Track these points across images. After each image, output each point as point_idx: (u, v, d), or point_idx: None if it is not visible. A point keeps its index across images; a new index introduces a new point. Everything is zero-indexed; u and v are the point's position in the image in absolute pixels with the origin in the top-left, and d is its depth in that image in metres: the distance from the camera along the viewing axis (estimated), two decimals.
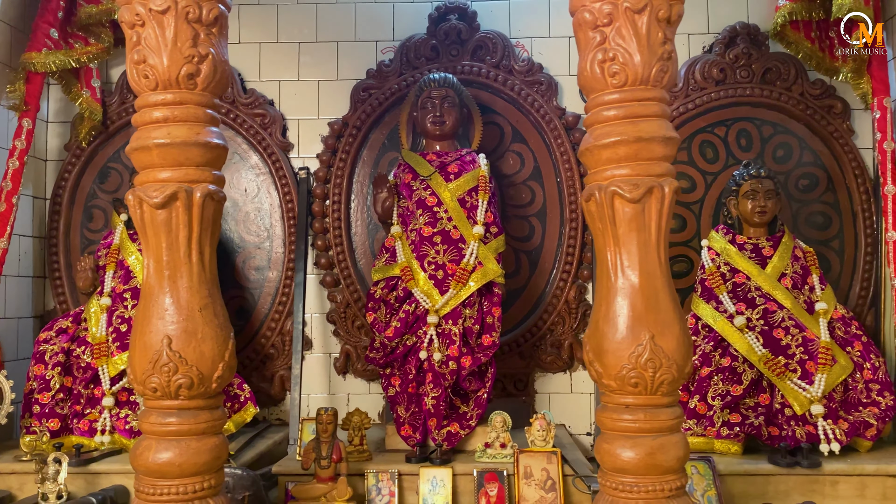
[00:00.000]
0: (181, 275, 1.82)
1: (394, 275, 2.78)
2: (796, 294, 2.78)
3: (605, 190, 1.82)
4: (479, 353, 2.71)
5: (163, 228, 1.81)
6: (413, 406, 2.68)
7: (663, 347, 1.77)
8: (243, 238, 3.36)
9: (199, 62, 1.83)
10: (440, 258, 2.74)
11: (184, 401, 1.80)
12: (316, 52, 3.44)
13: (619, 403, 1.82)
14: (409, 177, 2.88)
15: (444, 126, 2.90)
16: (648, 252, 1.82)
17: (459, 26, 3.32)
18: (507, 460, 2.51)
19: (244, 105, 3.36)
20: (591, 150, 1.86)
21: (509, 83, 3.30)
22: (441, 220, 2.78)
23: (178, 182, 1.81)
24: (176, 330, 1.79)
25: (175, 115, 1.82)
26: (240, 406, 2.86)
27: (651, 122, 1.84)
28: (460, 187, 2.83)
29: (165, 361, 1.77)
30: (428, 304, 2.69)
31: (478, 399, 2.73)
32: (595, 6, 1.84)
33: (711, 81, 3.28)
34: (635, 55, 1.80)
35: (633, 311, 1.79)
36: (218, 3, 1.87)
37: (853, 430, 2.57)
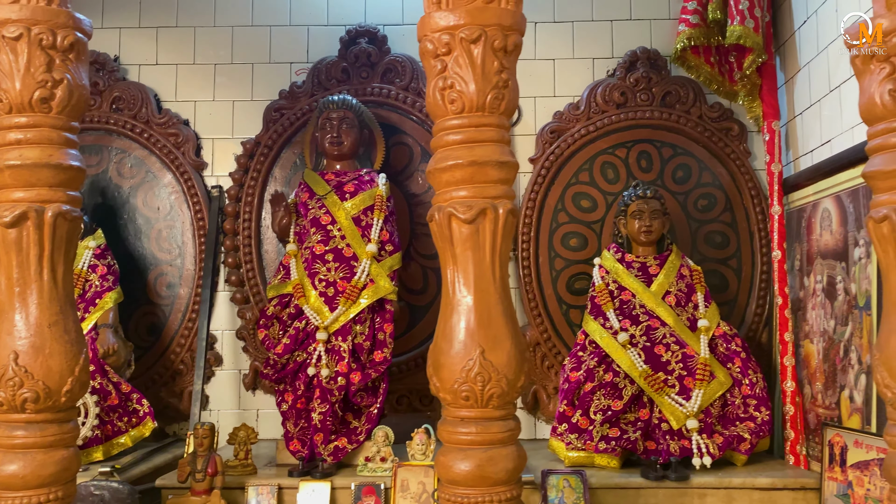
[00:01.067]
0: (31, 292, 1.88)
1: (286, 292, 2.85)
2: (679, 311, 2.86)
3: (443, 211, 1.89)
4: (370, 369, 2.77)
5: (13, 247, 1.87)
6: (302, 421, 2.74)
7: (493, 362, 1.84)
8: (156, 255, 3.42)
9: (52, 87, 1.90)
10: (331, 275, 2.80)
11: (30, 414, 1.85)
12: (231, 73, 3.52)
13: (455, 417, 1.89)
14: (305, 195, 2.96)
15: (341, 146, 2.98)
16: (483, 271, 1.89)
17: (369, 49, 3.41)
18: (387, 474, 2.57)
19: (158, 125, 3.43)
20: (433, 172, 1.94)
21: (418, 105, 3.39)
22: (334, 238, 2.85)
23: (30, 202, 1.88)
24: (24, 345, 1.85)
25: (28, 138, 1.89)
26: (138, 421, 2.91)
27: (487, 147, 1.91)
28: (356, 206, 2.90)
29: (11, 376, 1.82)
30: (317, 320, 2.76)
31: (368, 414, 2.79)
32: (435, 36, 1.92)
33: (612, 104, 3.38)
34: (471, 83, 1.89)
35: (467, 327, 1.86)
36: (74, 30, 1.94)
37: (727, 444, 2.65)
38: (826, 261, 2.77)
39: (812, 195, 2.90)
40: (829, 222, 2.77)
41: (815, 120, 2.95)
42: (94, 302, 3.00)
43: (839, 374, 2.62)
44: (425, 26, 1.95)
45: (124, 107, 3.43)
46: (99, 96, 3.43)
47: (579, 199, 3.37)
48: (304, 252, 2.86)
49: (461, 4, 1.91)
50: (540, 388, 3.29)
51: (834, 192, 2.72)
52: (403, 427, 2.82)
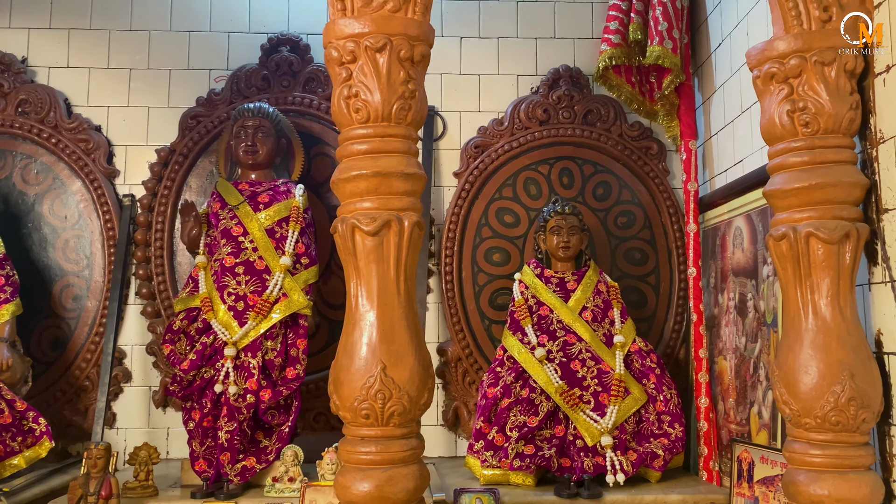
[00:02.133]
0: None
1: (194, 305, 2.74)
2: (596, 327, 2.86)
3: (347, 222, 1.84)
4: (282, 386, 2.68)
5: None
6: (208, 440, 2.63)
7: (395, 378, 1.79)
8: (62, 266, 3.26)
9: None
10: (241, 289, 2.71)
11: None
12: (147, 78, 3.41)
13: (355, 435, 1.83)
14: (217, 206, 2.86)
15: (256, 155, 2.90)
16: (387, 284, 1.84)
17: (291, 58, 3.34)
18: (295, 494, 2.48)
19: (67, 130, 3.29)
20: (336, 183, 1.89)
21: None
22: (245, 250, 2.76)
23: None
24: None
25: None
26: (34, 441, 2.74)
27: (392, 157, 1.88)
28: (270, 217, 2.82)
29: None
30: (226, 335, 2.66)
31: (280, 433, 2.70)
32: (340, 43, 1.88)
33: (535, 121, 3.39)
34: (376, 93, 1.85)
35: (369, 342, 1.81)
36: None
37: (640, 461, 2.65)
38: (738, 278, 2.82)
39: (726, 213, 2.95)
40: (741, 240, 2.82)
41: (728, 140, 3.01)
42: None
43: (749, 391, 2.66)
44: (330, 33, 1.90)
45: (31, 110, 3.27)
46: (3, 98, 3.27)
47: (503, 215, 3.36)
48: (214, 264, 2.76)
49: (366, 12, 1.87)
50: (461, 404, 3.25)
51: (745, 210, 2.77)
52: (320, 446, 2.73)
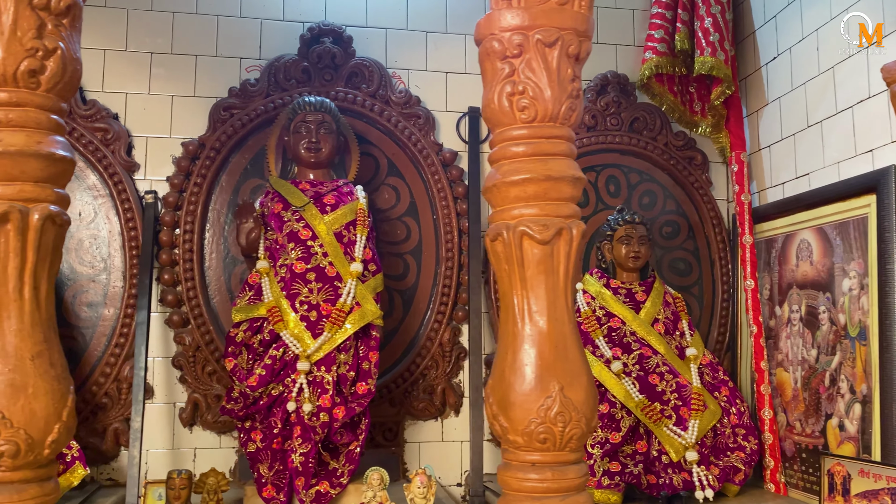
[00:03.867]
0: (9, 314, 1.46)
1: (259, 315, 2.50)
2: (668, 339, 2.82)
3: (514, 230, 1.70)
4: (353, 402, 2.48)
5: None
6: (277, 464, 2.40)
7: (573, 399, 1.66)
8: (75, 269, 2.92)
9: (44, 57, 1.51)
10: (314, 297, 2.49)
11: (5, 472, 1.44)
12: (171, 64, 3.11)
13: (524, 461, 1.68)
14: (279, 206, 2.63)
15: (319, 153, 2.68)
16: (557, 297, 1.71)
17: (334, 50, 3.13)
18: None
19: (83, 117, 2.95)
20: (498, 186, 1.74)
21: (386, 114, 3.15)
22: (315, 255, 2.54)
23: (11, 200, 1.47)
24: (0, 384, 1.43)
25: (10, 119, 1.49)
26: (66, 467, 2.43)
27: (560, 160, 1.75)
28: (337, 220, 2.62)
29: None
30: (298, 348, 2.44)
31: (349, 454, 2.50)
32: (505, 36, 1.73)
33: (583, 127, 3.32)
34: (546, 90, 1.71)
35: (542, 359, 1.67)
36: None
37: (724, 476, 2.61)
38: (805, 291, 2.83)
39: (787, 226, 2.97)
40: (808, 253, 2.83)
41: (787, 153, 3.04)
42: None
43: (825, 403, 2.67)
44: (492, 24, 1.75)
45: None
46: None
47: None
48: (280, 270, 2.53)
49: (534, 4, 1.73)
50: None
51: (816, 224, 2.79)
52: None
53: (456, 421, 3.15)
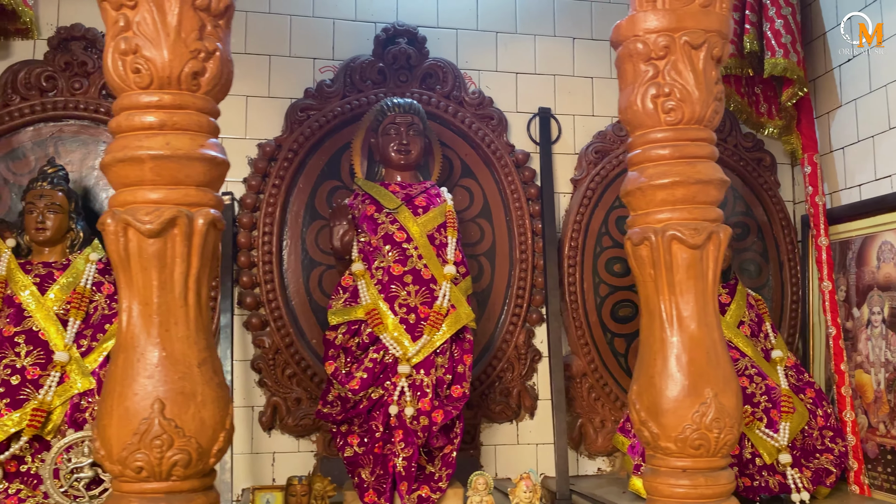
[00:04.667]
0: (176, 321, 1.44)
1: (356, 318, 2.47)
2: (755, 342, 2.81)
3: (663, 234, 1.68)
4: (449, 405, 2.46)
5: (154, 262, 1.43)
6: (378, 468, 2.37)
7: (725, 405, 1.65)
8: None
9: (205, 59, 1.49)
10: (412, 300, 2.47)
11: (176, 482, 1.41)
12: (245, 64, 3.07)
13: (674, 468, 1.67)
14: (371, 209, 2.60)
15: (409, 155, 2.66)
16: (706, 302, 1.70)
17: (409, 51, 3.11)
18: None
19: None
20: (643, 189, 1.73)
21: (460, 115, 3.13)
22: (411, 257, 2.52)
23: (176, 204, 1.45)
24: (169, 392, 1.41)
25: (175, 122, 1.46)
26: None
27: (706, 163, 1.74)
28: (429, 222, 2.60)
29: (158, 433, 1.38)
30: (398, 351, 2.42)
31: (445, 458, 2.48)
32: (650, 38, 1.72)
33: None
34: (694, 92, 1.70)
35: (695, 366, 1.66)
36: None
37: (817, 478, 2.61)
38: (888, 293, 2.83)
39: (865, 228, 2.97)
40: (891, 255, 2.83)
41: (864, 156, 3.03)
42: (102, 328, 2.45)
43: None
44: (635, 26, 1.74)
45: None
46: (86, 78, 2.86)
47: (622, 223, 3.24)
48: (377, 272, 2.50)
49: (680, 6, 1.72)
50: (586, 421, 3.11)
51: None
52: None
53: (531, 424, 3.13)
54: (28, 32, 2.86)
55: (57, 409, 2.26)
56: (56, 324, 2.37)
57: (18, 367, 2.29)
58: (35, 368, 2.30)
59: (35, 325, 2.36)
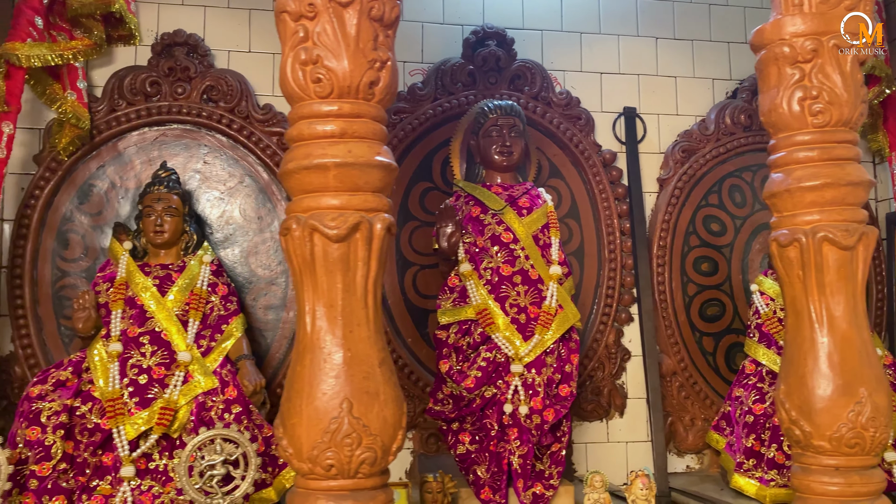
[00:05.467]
0: (359, 322, 1.48)
1: (467, 318, 2.51)
2: None
3: (813, 235, 1.70)
4: (557, 404, 2.50)
5: (339, 266, 1.47)
6: (493, 466, 2.41)
7: (879, 404, 1.67)
8: (254, 272, 2.94)
9: (379, 68, 1.53)
10: (522, 300, 2.51)
11: (361, 479, 1.46)
12: None
13: (826, 466, 1.69)
14: (476, 210, 2.64)
15: (511, 157, 2.69)
16: (856, 302, 1.72)
17: (498, 53, 3.14)
18: None
19: (259, 121, 2.96)
20: (791, 191, 1.75)
21: (548, 116, 3.16)
22: (519, 258, 2.55)
23: (357, 210, 1.49)
24: (355, 392, 1.45)
25: (354, 130, 1.50)
26: (278, 469, 2.44)
27: (854, 165, 1.76)
28: (534, 223, 2.63)
29: (348, 432, 1.42)
30: (510, 350, 2.45)
31: (553, 456, 2.51)
32: (797, 41, 1.74)
33: (740, 127, 3.31)
34: (843, 94, 1.72)
35: (848, 365, 1.68)
36: (398, 1, 1.58)
37: None
38: None
39: None
40: None
41: None
42: (220, 328, 2.51)
43: None
44: (780, 30, 1.76)
45: (219, 98, 2.93)
46: (188, 83, 2.92)
47: (709, 223, 3.27)
48: (485, 273, 2.54)
49: (826, 10, 1.74)
50: (676, 419, 3.13)
51: None
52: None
53: (620, 422, 3.16)
54: (130, 39, 2.92)
55: (182, 408, 2.32)
56: (177, 324, 2.43)
57: (145, 367, 2.35)
58: (160, 368, 2.36)
59: (157, 326, 2.42)
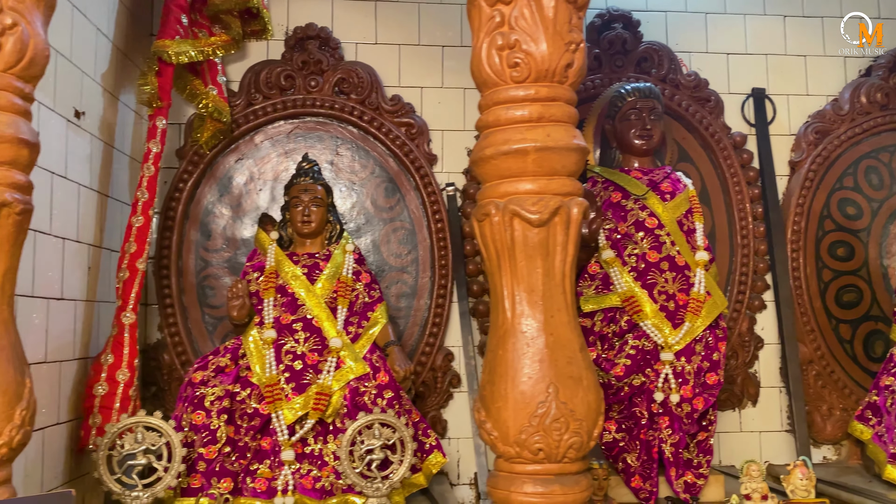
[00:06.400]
0: (558, 307, 1.48)
1: (612, 305, 2.48)
2: None
3: None
4: (705, 393, 2.45)
5: (540, 251, 1.47)
6: (643, 454, 2.38)
7: None
8: (386, 261, 2.97)
9: (574, 51, 1.51)
10: (670, 287, 2.47)
11: (566, 464, 1.46)
12: (461, 56, 3.12)
13: None
14: (617, 196, 2.60)
15: (651, 140, 2.65)
16: None
17: (624, 35, 3.09)
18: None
19: (388, 112, 2.99)
20: None
21: (676, 98, 3.09)
22: (664, 244, 2.51)
23: (556, 195, 1.48)
24: (559, 376, 1.45)
25: (551, 114, 1.49)
26: (424, 455, 2.47)
27: None
28: (677, 208, 2.58)
29: (556, 416, 1.42)
30: (659, 338, 2.42)
31: (701, 444, 2.47)
32: None
33: (876, 106, 3.18)
34: None
35: None
36: None
37: None
38: None
39: None
40: None
41: None
42: (366, 315, 2.55)
43: None
44: None
45: (350, 90, 2.97)
46: (321, 76, 2.97)
47: (845, 206, 3.15)
48: (629, 259, 2.50)
49: None
50: (813, 409, 3.04)
51: None
52: None
53: (753, 412, 3.08)
54: (263, 33, 2.98)
55: (336, 393, 2.37)
56: (326, 311, 2.48)
57: (299, 353, 2.41)
58: (313, 354, 2.41)
59: (308, 314, 2.47)
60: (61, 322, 2.22)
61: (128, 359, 2.34)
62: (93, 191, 2.44)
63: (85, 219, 2.38)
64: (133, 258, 2.41)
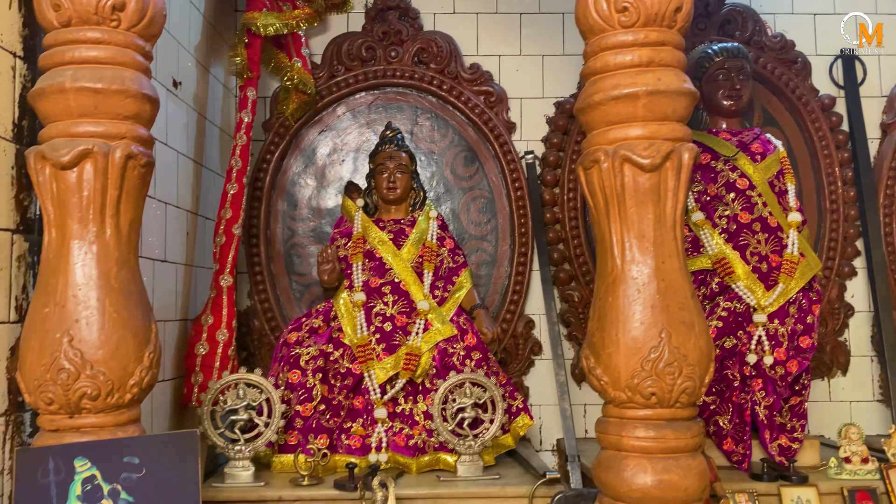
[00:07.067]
0: (669, 254, 1.47)
1: (702, 268, 2.45)
2: None
3: None
4: (799, 356, 2.40)
5: (651, 196, 1.46)
6: (735, 417, 2.36)
7: None
8: (466, 230, 3.00)
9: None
10: (762, 248, 2.42)
11: (678, 409, 1.46)
12: (539, 23, 3.11)
13: None
14: (707, 157, 2.56)
15: (740, 100, 2.59)
16: None
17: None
18: (874, 476, 2.20)
19: (467, 81, 3.01)
20: None
21: (761, 61, 3.02)
22: (756, 205, 2.47)
23: (667, 140, 1.47)
24: (671, 321, 1.44)
25: (661, 58, 1.49)
26: (511, 417, 2.49)
27: None
28: (767, 169, 2.52)
29: (669, 361, 1.42)
30: (752, 300, 2.38)
31: (794, 409, 2.42)
32: None
33: None
34: None
35: None
36: None
37: None
38: None
39: None
40: None
41: None
42: (451, 279, 2.58)
43: None
44: None
45: (429, 59, 2.99)
46: (400, 47, 2.99)
47: None
48: (720, 221, 2.47)
49: None
50: None
51: None
52: None
53: (843, 381, 3.01)
54: (343, 6, 3.02)
55: (425, 354, 2.40)
56: (413, 275, 2.52)
57: (388, 315, 2.45)
58: (402, 316, 2.45)
59: (396, 277, 2.51)
60: (165, 283, 2.31)
61: (227, 320, 2.42)
62: (189, 159, 2.53)
63: (183, 186, 2.46)
64: (229, 224, 2.49)
